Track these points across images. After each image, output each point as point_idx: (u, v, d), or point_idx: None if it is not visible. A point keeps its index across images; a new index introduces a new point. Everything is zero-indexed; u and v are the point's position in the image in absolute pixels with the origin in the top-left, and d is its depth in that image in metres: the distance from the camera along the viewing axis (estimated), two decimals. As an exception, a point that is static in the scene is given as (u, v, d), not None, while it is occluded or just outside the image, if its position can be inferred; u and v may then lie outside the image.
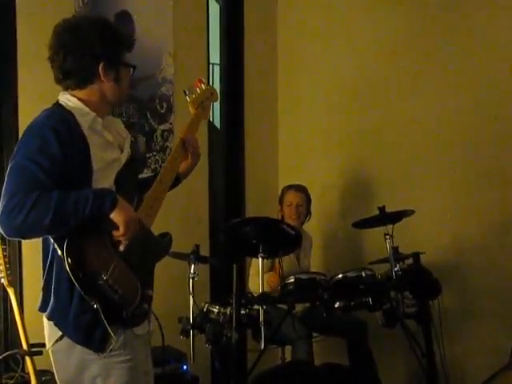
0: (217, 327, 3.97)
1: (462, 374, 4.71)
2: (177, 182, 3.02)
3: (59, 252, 2.47)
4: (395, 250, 4.39)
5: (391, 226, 4.31)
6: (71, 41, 2.60)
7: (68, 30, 2.63)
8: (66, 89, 2.66)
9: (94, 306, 2.44)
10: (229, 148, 5.78)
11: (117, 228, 2.50)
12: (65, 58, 2.60)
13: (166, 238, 2.83)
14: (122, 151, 2.75)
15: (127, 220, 2.50)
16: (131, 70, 2.79)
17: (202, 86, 3.16)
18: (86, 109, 2.62)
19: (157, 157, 5.00)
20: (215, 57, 5.69)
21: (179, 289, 4.20)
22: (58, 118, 2.53)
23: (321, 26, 5.63)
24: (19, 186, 2.39)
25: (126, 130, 2.90)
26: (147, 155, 4.98)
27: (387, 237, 4.29)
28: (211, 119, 5.61)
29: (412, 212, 4.36)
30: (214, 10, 5.67)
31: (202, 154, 5.18)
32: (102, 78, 2.63)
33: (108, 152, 2.66)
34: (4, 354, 3.82)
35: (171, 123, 5.07)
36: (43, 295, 2.63)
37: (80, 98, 2.64)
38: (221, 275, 5.03)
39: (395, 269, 4.29)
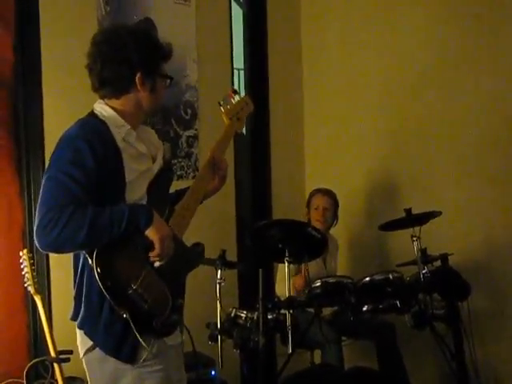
0: (244, 332, 3.97)
1: (493, 376, 4.67)
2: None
3: (90, 261, 2.48)
4: (423, 251, 4.37)
5: (418, 227, 4.30)
6: (109, 49, 2.63)
7: (107, 39, 2.66)
8: (103, 97, 2.68)
9: (124, 316, 2.45)
10: (255, 153, 5.78)
11: (151, 244, 2.51)
12: (102, 66, 2.62)
13: (198, 248, 2.85)
14: (154, 161, 2.76)
15: (162, 238, 2.52)
16: (168, 81, 2.79)
17: (237, 96, 3.16)
18: (121, 120, 2.63)
19: (182, 163, 5.00)
20: (239, 62, 5.70)
21: (207, 294, 4.19)
22: (92, 129, 2.55)
23: (346, 28, 5.61)
24: (54, 200, 2.41)
25: (159, 141, 2.93)
26: (172, 162, 4.99)
27: (414, 239, 4.28)
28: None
29: (439, 213, 4.34)
30: (237, 14, 5.68)
31: (228, 158, 5.24)
32: (139, 87, 2.65)
33: (141, 163, 2.67)
34: (32, 362, 3.85)
35: (196, 129, 5.08)
36: (75, 304, 2.65)
37: (115, 107, 2.66)
38: (249, 280, 5.02)
39: (423, 271, 4.27)
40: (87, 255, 2.50)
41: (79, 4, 4.48)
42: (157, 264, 2.55)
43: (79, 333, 2.64)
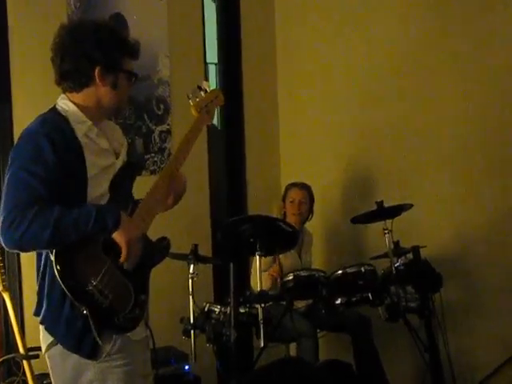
0: (217, 326, 3.98)
1: (467, 367, 4.68)
2: None
3: (51, 257, 2.47)
4: (396, 244, 4.40)
5: (390, 220, 4.31)
6: (70, 42, 2.61)
7: (68, 32, 2.64)
8: (64, 91, 2.67)
9: (84, 312, 2.44)
10: (229, 147, 5.79)
11: (118, 245, 2.51)
12: (62, 59, 2.61)
13: (163, 242, 2.82)
14: (117, 157, 2.75)
15: (130, 241, 2.51)
16: (133, 78, 2.77)
17: (207, 88, 3.13)
18: (83, 116, 2.62)
19: (155, 158, 5.00)
20: (212, 56, 5.69)
21: (182, 289, 4.20)
22: (52, 125, 2.54)
23: (320, 21, 5.60)
24: (18, 198, 2.40)
25: (123, 136, 2.90)
26: (145, 157, 4.98)
27: (386, 231, 4.29)
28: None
29: (410, 206, 4.36)
30: (210, 8, 5.67)
31: (202, 153, 5.28)
32: (98, 82, 2.62)
33: (103, 158, 2.66)
34: (1, 359, 3.84)
35: (169, 124, 5.08)
36: (37, 300, 2.64)
37: (77, 103, 2.64)
38: (224, 275, 5.03)
39: (396, 263, 4.30)
40: (49, 252, 2.49)
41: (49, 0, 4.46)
42: (125, 266, 2.54)
43: (41, 328, 2.63)
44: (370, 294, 4.17)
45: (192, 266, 4.15)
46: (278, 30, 5.93)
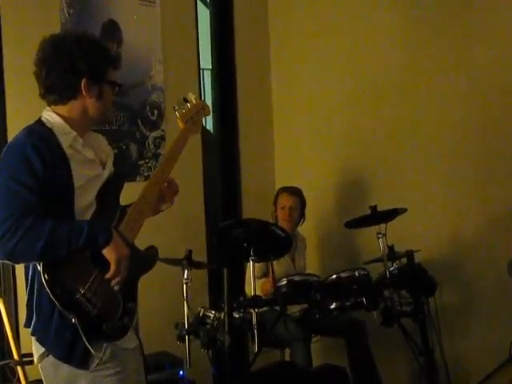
0: (211, 332, 3.98)
1: (462, 371, 4.69)
2: None
3: (39, 268, 2.48)
4: (390, 248, 4.40)
5: (384, 224, 4.32)
6: (54, 56, 2.61)
7: (52, 45, 2.64)
8: (49, 104, 2.67)
9: (73, 321, 2.44)
10: (224, 152, 5.80)
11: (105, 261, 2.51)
12: (47, 73, 2.61)
13: (151, 251, 2.83)
14: (104, 167, 2.75)
15: (119, 258, 2.52)
16: (116, 87, 2.78)
17: (193, 99, 3.14)
18: (68, 127, 2.62)
19: (149, 164, 5.00)
20: (206, 62, 5.70)
21: (177, 295, 4.20)
22: (38, 136, 2.54)
23: (313, 27, 5.61)
24: (9, 209, 2.40)
25: (109, 147, 2.91)
26: (139, 162, 4.99)
27: (380, 236, 4.30)
28: (204, 124, 5.62)
29: (404, 210, 4.36)
30: (204, 14, 5.68)
31: (197, 158, 5.28)
32: (85, 94, 2.64)
33: (89, 169, 2.67)
34: (-4, 365, 3.85)
35: (163, 130, 5.08)
36: (27, 311, 2.65)
37: (62, 114, 2.64)
38: (219, 280, 5.03)
39: (390, 268, 4.31)
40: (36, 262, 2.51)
41: (42, 7, 4.46)
42: (116, 288, 2.55)
43: (33, 339, 2.64)
44: (364, 299, 4.17)
45: (186, 272, 4.16)
46: (272, 35, 5.94)
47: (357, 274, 4.23)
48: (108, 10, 4.78)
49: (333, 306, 4.23)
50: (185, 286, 4.14)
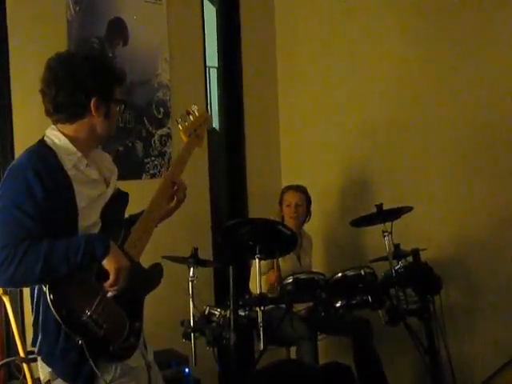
0: (217, 330, 3.98)
1: (467, 369, 4.68)
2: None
3: (44, 288, 2.48)
4: (396, 247, 4.39)
5: (390, 223, 4.31)
6: (64, 75, 2.61)
7: (61, 65, 2.64)
8: (56, 122, 2.67)
9: (79, 342, 2.44)
10: (230, 151, 5.81)
11: (107, 274, 2.51)
12: (57, 92, 2.60)
13: (155, 269, 2.82)
14: (108, 185, 2.76)
15: (118, 269, 2.52)
16: (122, 106, 2.79)
17: (196, 112, 3.13)
18: (73, 148, 2.62)
19: (155, 162, 5.02)
20: (212, 60, 5.70)
21: (183, 292, 4.21)
22: (39, 159, 2.54)
23: (319, 26, 5.62)
24: (7, 236, 2.41)
25: (113, 164, 2.91)
26: (145, 160, 5.00)
27: (386, 234, 4.29)
28: (210, 122, 5.63)
29: (410, 208, 4.35)
30: (210, 12, 5.68)
31: (203, 157, 5.29)
32: (94, 113, 2.64)
33: (93, 189, 2.67)
34: (1, 362, 3.85)
35: (169, 128, 5.09)
36: (33, 329, 2.65)
37: (68, 134, 2.65)
38: (224, 278, 5.04)
39: (396, 266, 4.30)
40: None
41: (48, 4, 4.47)
42: (109, 294, 2.54)
43: (38, 359, 2.64)
44: (369, 297, 4.16)
45: (192, 270, 4.16)
46: (278, 32, 5.95)
47: (362, 272, 4.22)
48: (114, 7, 4.80)
49: (338, 305, 4.21)
50: (190, 283, 4.14)
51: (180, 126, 3.07)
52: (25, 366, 3.70)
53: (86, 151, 2.67)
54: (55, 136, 2.64)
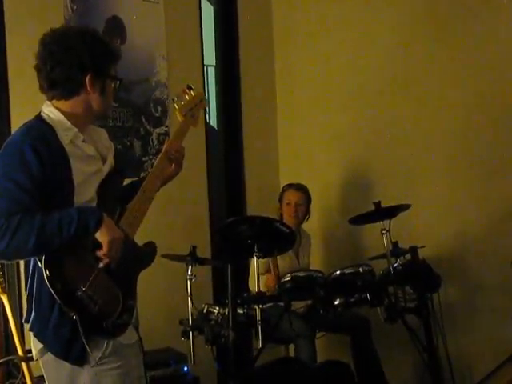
0: (215, 328, 3.98)
1: (466, 367, 4.69)
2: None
3: (39, 264, 2.48)
4: (395, 244, 4.39)
5: (388, 221, 4.32)
6: (59, 51, 2.59)
7: (56, 40, 2.62)
8: (51, 99, 2.66)
9: (73, 318, 2.44)
10: (228, 149, 5.81)
11: (100, 245, 2.51)
12: (52, 67, 2.59)
13: (149, 247, 2.83)
14: (104, 162, 2.75)
15: (111, 240, 2.51)
16: (117, 82, 2.78)
17: (192, 92, 3.14)
18: (68, 123, 2.61)
19: (153, 160, 4.99)
20: (210, 58, 5.70)
21: (182, 291, 4.21)
22: (37, 134, 2.53)
23: (317, 24, 5.62)
24: (1, 209, 2.40)
25: (110, 141, 2.90)
26: (143, 159, 5.01)
27: (384, 232, 4.29)
28: (208, 121, 5.63)
29: (408, 206, 4.36)
30: (208, 11, 5.68)
31: (200, 155, 5.29)
32: (89, 89, 2.63)
33: (89, 165, 2.66)
34: (0, 360, 3.85)
35: (167, 126, 5.09)
36: (27, 306, 2.65)
37: (64, 110, 2.64)
38: (222, 276, 5.04)
39: (395, 264, 4.30)
40: (37, 258, 2.50)
41: (45, 3, 4.47)
42: (101, 264, 2.53)
43: (31, 334, 2.64)
44: (368, 295, 4.16)
45: (190, 268, 4.16)
46: (276, 31, 5.95)
47: (361, 270, 4.22)
48: (112, 6, 4.80)
49: (337, 302, 4.21)
50: (189, 282, 4.13)
51: (176, 105, 3.08)
52: (23, 364, 3.70)
53: (81, 127, 2.66)
54: (51, 112, 2.63)
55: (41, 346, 2.59)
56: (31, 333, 2.63)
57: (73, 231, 2.43)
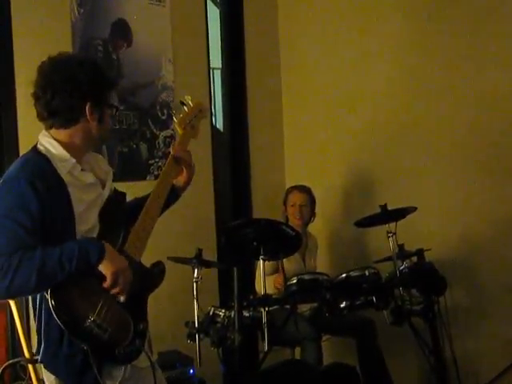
0: (222, 330, 3.98)
1: (472, 370, 4.69)
2: (176, 197, 3.03)
3: (46, 295, 2.47)
4: (401, 247, 4.39)
5: (394, 223, 4.31)
6: (60, 80, 2.59)
7: (56, 70, 2.62)
8: (50, 127, 2.65)
9: (84, 348, 2.43)
10: (234, 152, 5.82)
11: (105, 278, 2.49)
12: (52, 96, 2.59)
13: (157, 267, 2.79)
14: (103, 187, 2.74)
15: (115, 272, 2.49)
16: (114, 110, 2.78)
17: (190, 102, 3.12)
18: (66, 155, 2.60)
19: (159, 163, 5.02)
20: (216, 61, 5.71)
21: (187, 293, 4.21)
22: (34, 168, 2.52)
23: (322, 26, 5.62)
24: (2, 249, 2.38)
25: (108, 166, 2.90)
26: (150, 162, 5.01)
27: (390, 234, 4.29)
28: (214, 123, 5.63)
29: (414, 209, 4.35)
30: (214, 14, 5.69)
31: (206, 157, 5.30)
32: (88, 117, 2.63)
33: (89, 192, 2.66)
34: (7, 363, 3.86)
35: (173, 129, 5.09)
36: (37, 337, 2.63)
37: (62, 140, 2.63)
38: (229, 278, 5.04)
39: (401, 267, 4.29)
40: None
41: (52, 6, 4.48)
42: (121, 299, 2.52)
43: (43, 368, 2.63)
44: (374, 298, 4.14)
45: (196, 271, 4.16)
46: (282, 34, 5.96)
47: (367, 272, 4.20)
48: (118, 9, 4.81)
49: (343, 305, 4.20)
50: (195, 284, 4.13)
51: (174, 118, 3.08)
52: (30, 367, 3.71)
53: (79, 156, 2.66)
54: (48, 143, 2.62)
55: (53, 377, 2.58)
56: (42, 365, 2.61)
57: (74, 267, 2.41)
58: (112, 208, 2.72)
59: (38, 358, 2.61)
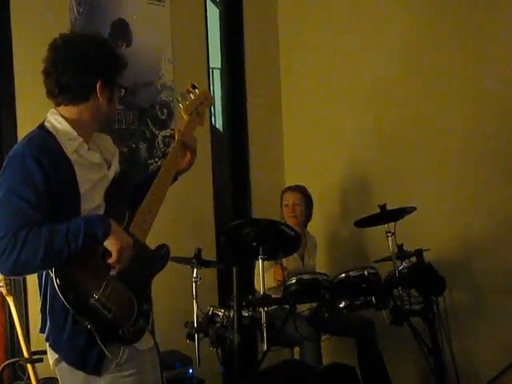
0: (221, 330, 3.98)
1: (471, 370, 4.69)
2: (174, 180, 2.98)
3: (51, 273, 2.45)
4: (400, 247, 4.40)
5: (393, 223, 4.31)
6: (73, 55, 2.57)
7: (69, 44, 2.61)
8: (59, 104, 2.62)
9: (88, 327, 2.42)
10: (233, 151, 5.82)
11: (110, 252, 2.48)
12: (64, 71, 2.56)
13: (162, 250, 2.79)
14: (109, 167, 2.73)
15: (121, 248, 2.48)
16: (123, 91, 2.77)
17: (196, 90, 3.11)
18: (73, 133, 2.58)
19: (159, 163, 5.01)
20: (215, 61, 5.71)
21: (187, 293, 4.21)
22: (39, 145, 2.49)
23: (323, 25, 5.62)
24: (7, 224, 2.37)
25: (114, 146, 2.87)
26: (149, 162, 5.02)
27: (389, 234, 4.29)
28: (214, 123, 5.63)
29: (413, 209, 4.36)
30: (213, 14, 5.69)
31: (206, 157, 5.30)
32: (99, 95, 2.61)
33: (94, 172, 2.64)
34: (5, 363, 3.86)
35: (172, 129, 5.09)
36: (41, 316, 2.62)
37: (70, 117, 2.60)
38: (228, 278, 5.04)
39: (400, 267, 4.30)
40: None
41: (51, 6, 4.48)
42: (113, 272, 2.51)
43: (47, 345, 2.62)
44: (373, 298, 4.16)
45: (195, 270, 4.16)
46: (281, 33, 5.96)
47: (366, 272, 4.21)
48: (118, 9, 4.81)
49: (342, 305, 4.23)
50: (194, 284, 4.15)
51: (180, 105, 3.05)
52: (29, 366, 3.70)
53: (87, 135, 2.64)
54: (56, 120, 2.60)
55: (56, 355, 2.58)
56: (47, 343, 2.61)
57: (80, 243, 2.40)
58: (118, 188, 2.71)
59: (44, 336, 2.60)
